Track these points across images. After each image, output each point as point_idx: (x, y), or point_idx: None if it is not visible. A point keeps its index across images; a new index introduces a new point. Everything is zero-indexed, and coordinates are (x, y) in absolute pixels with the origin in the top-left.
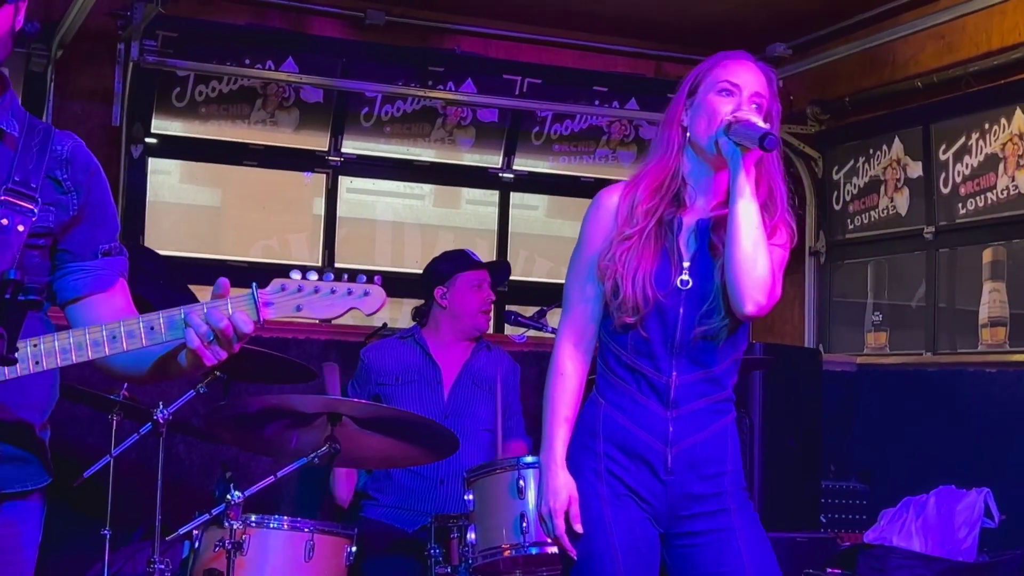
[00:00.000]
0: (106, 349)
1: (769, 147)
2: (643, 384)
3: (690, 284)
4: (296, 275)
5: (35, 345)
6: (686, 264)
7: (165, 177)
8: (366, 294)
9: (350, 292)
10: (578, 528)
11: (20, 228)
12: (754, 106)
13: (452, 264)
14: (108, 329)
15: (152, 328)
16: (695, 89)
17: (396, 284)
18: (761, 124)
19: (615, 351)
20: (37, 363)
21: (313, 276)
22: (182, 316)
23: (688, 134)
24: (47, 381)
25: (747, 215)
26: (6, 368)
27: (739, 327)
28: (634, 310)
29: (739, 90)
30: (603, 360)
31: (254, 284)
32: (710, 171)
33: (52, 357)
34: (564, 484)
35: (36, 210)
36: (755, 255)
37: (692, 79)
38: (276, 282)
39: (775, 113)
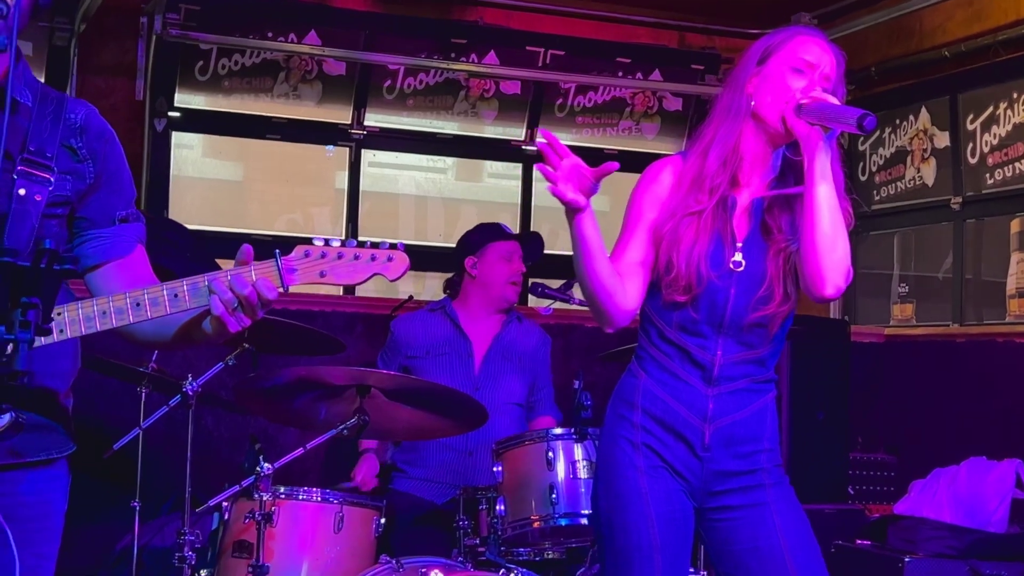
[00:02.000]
0: (130, 317)
1: (868, 128)
2: (686, 360)
3: (743, 266)
4: (319, 242)
5: (59, 313)
6: (739, 245)
7: (188, 152)
8: (389, 260)
9: (373, 258)
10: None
11: (38, 198)
12: (823, 89)
13: (484, 235)
14: (132, 296)
15: (176, 296)
16: (765, 59)
17: (419, 257)
18: (836, 102)
19: (660, 326)
20: (61, 331)
21: (336, 243)
22: (206, 284)
23: (752, 103)
24: (69, 349)
25: (828, 198)
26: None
27: (788, 318)
28: (686, 289)
29: (812, 70)
30: (645, 333)
31: (277, 251)
32: (766, 147)
33: (76, 325)
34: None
35: (53, 179)
36: (835, 238)
37: (763, 48)
38: (299, 248)
39: (840, 98)
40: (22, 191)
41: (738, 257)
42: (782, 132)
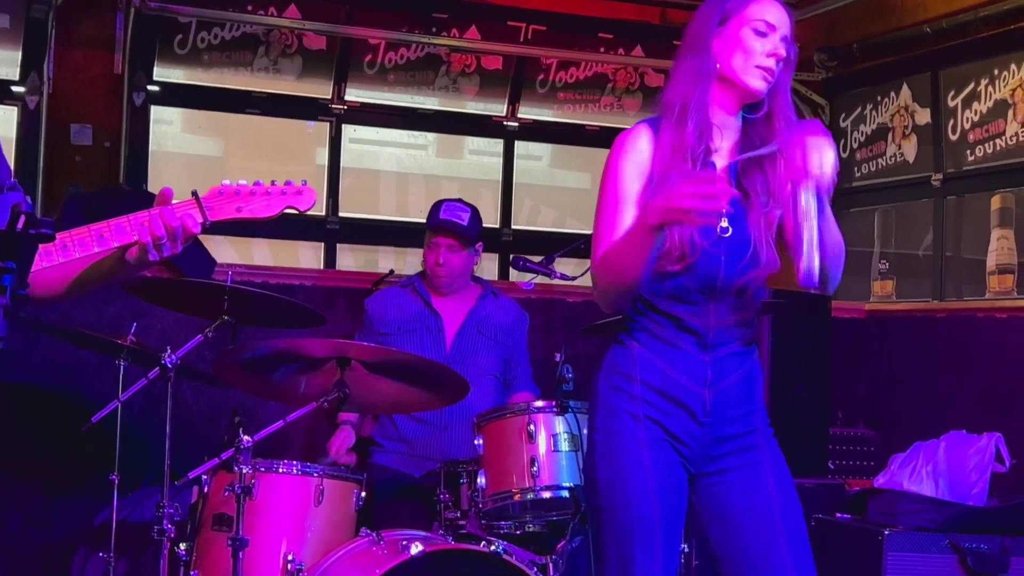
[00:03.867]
0: (57, 258)
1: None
2: (680, 328)
3: (729, 232)
4: (227, 182)
5: None
6: (723, 211)
7: (167, 127)
8: (299, 193)
9: (284, 193)
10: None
11: None
12: (783, 46)
13: (428, 216)
14: (59, 238)
15: (102, 236)
16: (725, 20)
17: (401, 234)
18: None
19: (649, 297)
20: None
21: (244, 182)
22: (131, 222)
23: (717, 65)
24: None
25: (831, 226)
26: None
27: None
28: (680, 258)
29: (773, 31)
30: (634, 305)
31: (194, 190)
32: (733, 109)
33: None
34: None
35: None
36: (838, 248)
37: (721, 9)
38: (213, 188)
39: (793, 57)
40: None
41: (725, 223)
42: (754, 92)
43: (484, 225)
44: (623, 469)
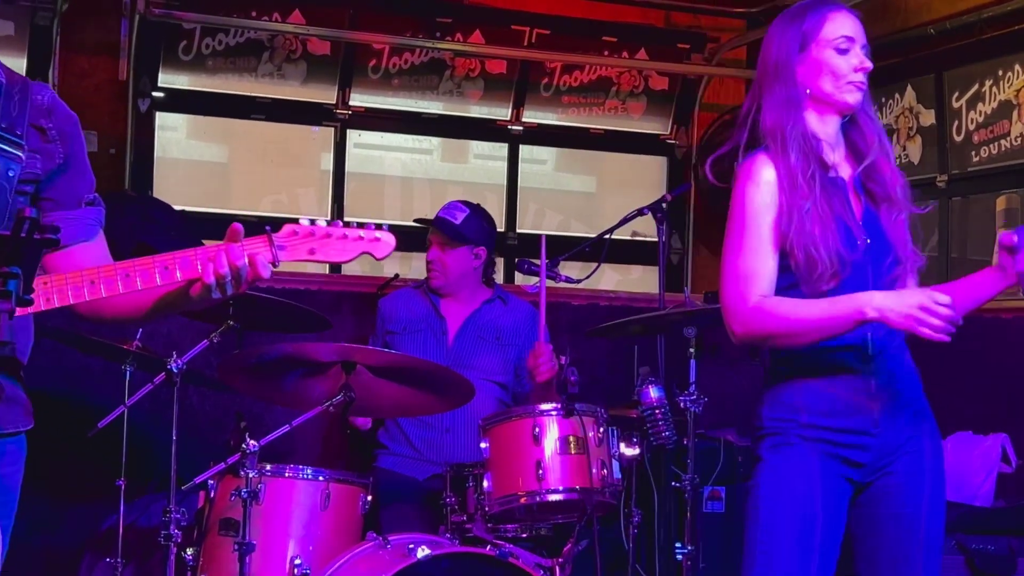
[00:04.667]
0: (119, 287)
1: None
2: (841, 346)
3: (869, 240)
4: (305, 221)
5: (45, 283)
6: (859, 221)
7: (172, 133)
8: (377, 239)
9: (361, 237)
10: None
11: (11, 173)
12: (865, 56)
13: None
14: (121, 268)
15: (167, 268)
16: (806, 44)
17: (405, 238)
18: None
19: None
20: (48, 300)
21: (322, 222)
22: (197, 257)
23: (808, 91)
24: (28, 325)
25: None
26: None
27: (915, 276)
28: (832, 276)
29: (853, 43)
30: None
31: (268, 227)
32: (833, 120)
33: (64, 294)
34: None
35: (24, 156)
36: None
37: (799, 33)
38: (288, 227)
39: (866, 54)
40: None
41: (864, 235)
42: (852, 106)
43: None
44: (789, 472)
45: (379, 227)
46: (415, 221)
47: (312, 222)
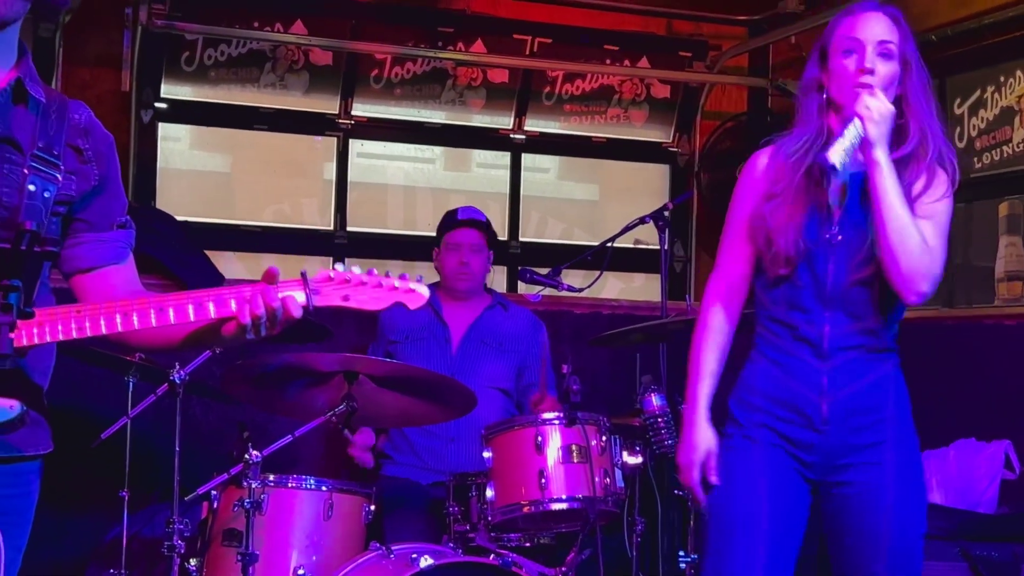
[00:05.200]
0: (152, 320)
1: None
2: (795, 336)
3: (840, 236)
4: (340, 267)
5: (78, 312)
6: (836, 217)
7: (175, 144)
8: (411, 291)
9: (396, 287)
10: (713, 480)
11: (46, 195)
12: (880, 56)
13: (442, 223)
14: (156, 302)
15: (200, 306)
16: (825, 55)
17: (408, 247)
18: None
19: (768, 305)
20: (81, 329)
21: (356, 270)
22: (232, 298)
23: (826, 96)
24: (52, 346)
25: (891, 213)
26: (49, 333)
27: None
28: (787, 261)
29: (860, 45)
30: (757, 316)
31: (304, 271)
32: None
33: (97, 324)
34: (703, 440)
35: (60, 177)
36: (904, 246)
37: (819, 48)
38: (322, 272)
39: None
40: (32, 187)
41: (835, 229)
42: (856, 112)
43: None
44: (733, 468)
45: (412, 279)
46: (451, 228)
47: (346, 269)
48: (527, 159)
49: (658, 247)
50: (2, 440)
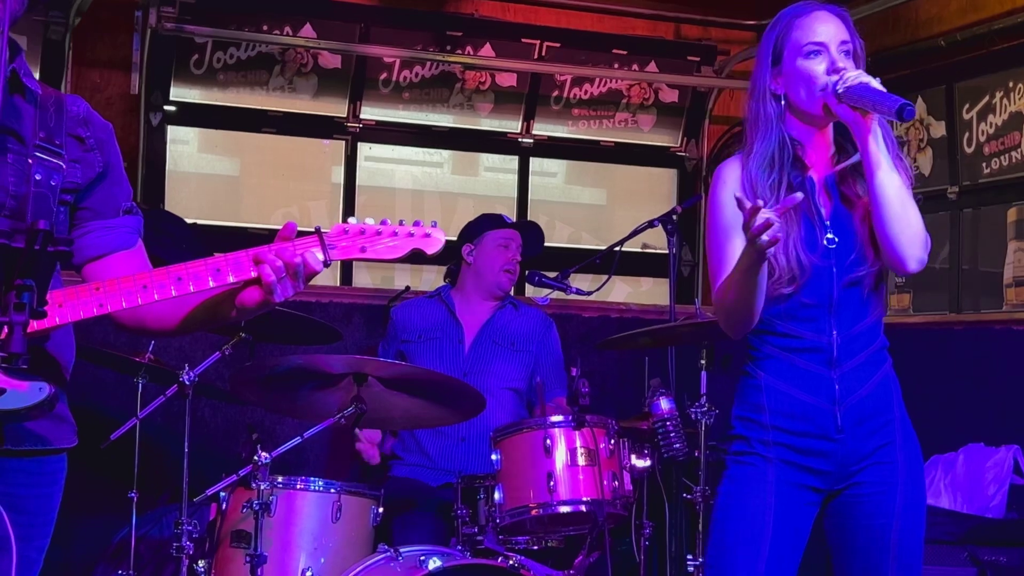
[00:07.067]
0: (172, 290)
1: (908, 117)
2: (804, 348)
3: (836, 241)
4: (353, 220)
5: (97, 289)
6: (827, 223)
7: (184, 147)
8: (427, 235)
9: (411, 234)
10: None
11: (53, 183)
12: (843, 54)
13: (483, 223)
14: (172, 271)
15: (218, 270)
16: (778, 57)
17: (415, 252)
18: (879, 87)
19: (770, 321)
20: (102, 305)
21: (370, 221)
22: (250, 257)
23: (784, 103)
24: (70, 341)
25: (889, 182)
26: (71, 312)
27: (882, 281)
28: (791, 280)
29: (825, 47)
30: (755, 331)
31: (318, 227)
32: (819, 128)
33: (117, 299)
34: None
35: (64, 166)
36: (906, 215)
37: (771, 47)
38: (337, 226)
39: (860, 51)
40: (38, 177)
41: (831, 235)
42: (823, 115)
43: None
44: (745, 482)
45: (432, 225)
46: (501, 228)
47: (359, 221)
48: (535, 163)
49: (666, 251)
50: (28, 430)
